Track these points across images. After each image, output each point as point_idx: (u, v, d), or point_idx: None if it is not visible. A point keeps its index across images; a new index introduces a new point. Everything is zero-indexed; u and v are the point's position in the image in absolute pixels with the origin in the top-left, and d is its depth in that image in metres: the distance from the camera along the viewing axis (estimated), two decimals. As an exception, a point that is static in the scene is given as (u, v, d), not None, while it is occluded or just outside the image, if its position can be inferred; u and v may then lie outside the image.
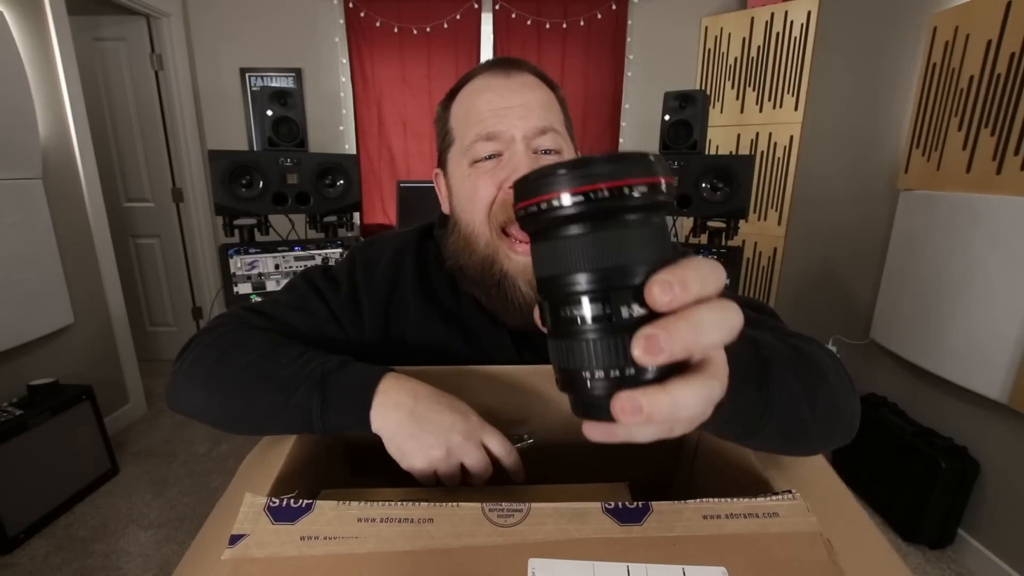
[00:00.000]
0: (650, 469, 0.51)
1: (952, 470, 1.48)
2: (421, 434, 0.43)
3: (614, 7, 2.57)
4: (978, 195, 1.47)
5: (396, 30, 2.59)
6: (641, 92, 2.67)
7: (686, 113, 1.83)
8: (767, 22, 2.31)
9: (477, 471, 0.43)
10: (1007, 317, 1.37)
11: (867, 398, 1.87)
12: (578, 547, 0.30)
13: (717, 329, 0.20)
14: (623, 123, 2.74)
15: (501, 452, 0.44)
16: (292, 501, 0.32)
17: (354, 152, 2.75)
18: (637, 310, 0.20)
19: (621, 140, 2.76)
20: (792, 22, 2.25)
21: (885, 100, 1.94)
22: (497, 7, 2.56)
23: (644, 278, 0.20)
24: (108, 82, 2.58)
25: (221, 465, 2.02)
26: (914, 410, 1.74)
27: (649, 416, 0.20)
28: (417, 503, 0.33)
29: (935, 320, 1.60)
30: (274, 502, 0.32)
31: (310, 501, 0.32)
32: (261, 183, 1.76)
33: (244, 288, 1.80)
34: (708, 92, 2.50)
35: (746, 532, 0.31)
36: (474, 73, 0.57)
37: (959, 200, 1.53)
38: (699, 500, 0.33)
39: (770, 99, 2.37)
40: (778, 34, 2.30)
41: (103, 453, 1.89)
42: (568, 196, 0.20)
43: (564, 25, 2.59)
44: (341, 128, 2.76)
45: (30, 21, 1.81)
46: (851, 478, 1.86)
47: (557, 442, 0.51)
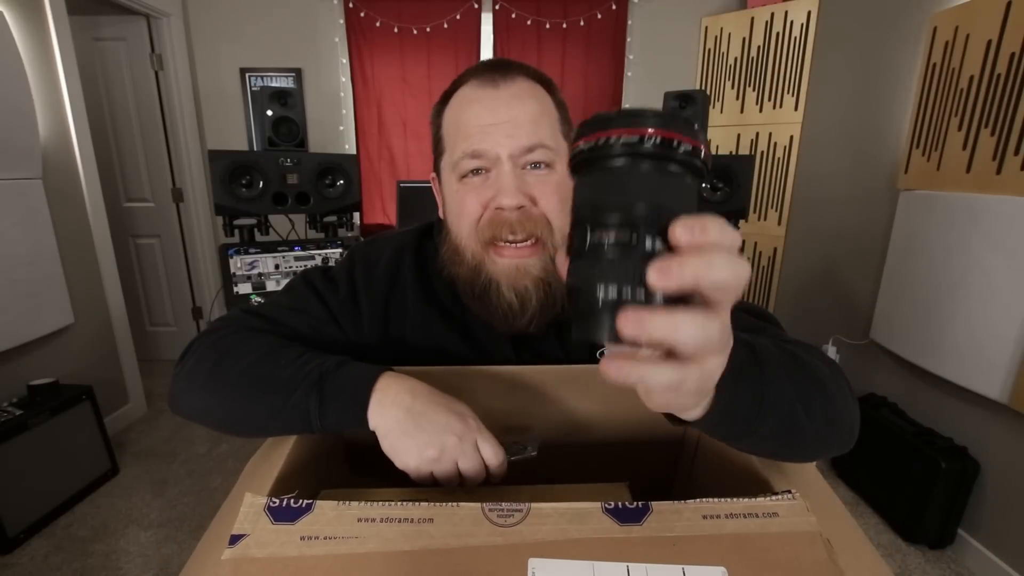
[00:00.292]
0: (650, 469, 0.51)
1: (952, 470, 1.48)
2: (416, 432, 0.42)
3: (614, 7, 2.57)
4: (978, 195, 1.47)
5: (396, 30, 2.59)
6: (641, 92, 2.67)
7: (686, 113, 1.84)
8: (767, 22, 2.32)
9: (470, 474, 0.42)
10: (1007, 317, 1.37)
11: (867, 398, 1.87)
12: (578, 547, 0.30)
13: (725, 269, 0.21)
14: (623, 123, 2.74)
15: (492, 459, 0.43)
16: (292, 501, 0.32)
17: (354, 152, 2.75)
18: (659, 245, 0.22)
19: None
20: (792, 22, 2.25)
21: (885, 100, 1.93)
22: (497, 7, 2.56)
23: (670, 219, 0.22)
24: (108, 82, 2.58)
25: (221, 465, 2.02)
26: (914, 410, 1.74)
27: (649, 333, 0.21)
28: (417, 503, 0.33)
29: (935, 320, 1.60)
30: (274, 502, 0.32)
31: (310, 501, 0.32)
32: (261, 183, 1.76)
33: (244, 288, 1.80)
34: (708, 92, 2.50)
35: (746, 532, 0.31)
36: (465, 78, 0.56)
37: (959, 200, 1.53)
38: (699, 500, 0.33)
39: (770, 99, 2.37)
40: (778, 34, 2.30)
41: (103, 453, 1.89)
42: (626, 135, 0.23)
43: (564, 25, 2.59)
44: (341, 128, 2.76)
45: (30, 21, 1.81)
46: (851, 478, 1.86)
47: (557, 442, 0.51)
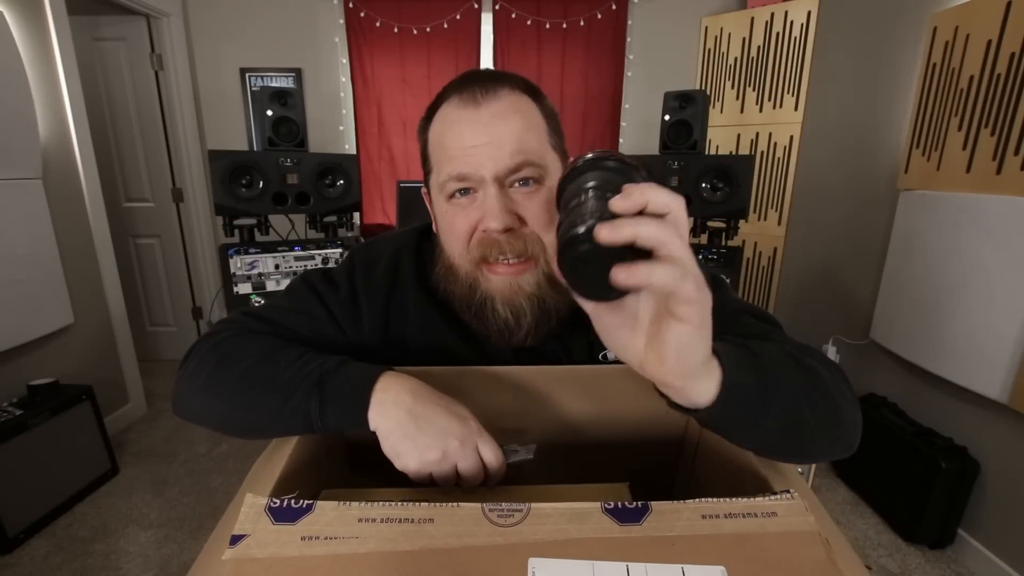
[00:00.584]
0: (650, 469, 0.51)
1: (952, 470, 1.48)
2: (418, 435, 0.42)
3: (614, 7, 2.57)
4: (978, 195, 1.47)
5: (396, 30, 2.59)
6: (641, 92, 2.67)
7: (686, 113, 1.83)
8: (767, 22, 2.32)
9: (469, 476, 0.43)
10: (1007, 317, 1.37)
11: (867, 398, 1.87)
12: (578, 547, 0.30)
13: (662, 195, 0.30)
14: (623, 123, 2.74)
15: (492, 462, 0.43)
16: (293, 501, 0.32)
17: (354, 152, 2.75)
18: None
19: (621, 140, 2.76)
20: (792, 22, 2.25)
21: (885, 100, 1.94)
22: (497, 7, 2.56)
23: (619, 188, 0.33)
24: (108, 82, 2.58)
25: (221, 465, 2.02)
26: (914, 410, 1.74)
27: (620, 230, 0.29)
28: (417, 503, 0.33)
29: (935, 320, 1.60)
30: (275, 502, 0.32)
31: (311, 501, 0.32)
32: (261, 183, 1.76)
33: (244, 288, 1.80)
34: (708, 92, 2.50)
35: (745, 531, 0.31)
36: (447, 94, 0.54)
37: (959, 200, 1.53)
38: (698, 500, 0.33)
39: (770, 99, 2.37)
40: (778, 34, 2.30)
41: (103, 453, 1.89)
42: (579, 163, 0.40)
43: (564, 25, 2.59)
44: (341, 128, 2.76)
45: (30, 21, 1.81)
46: (851, 478, 1.87)
47: (558, 442, 0.51)
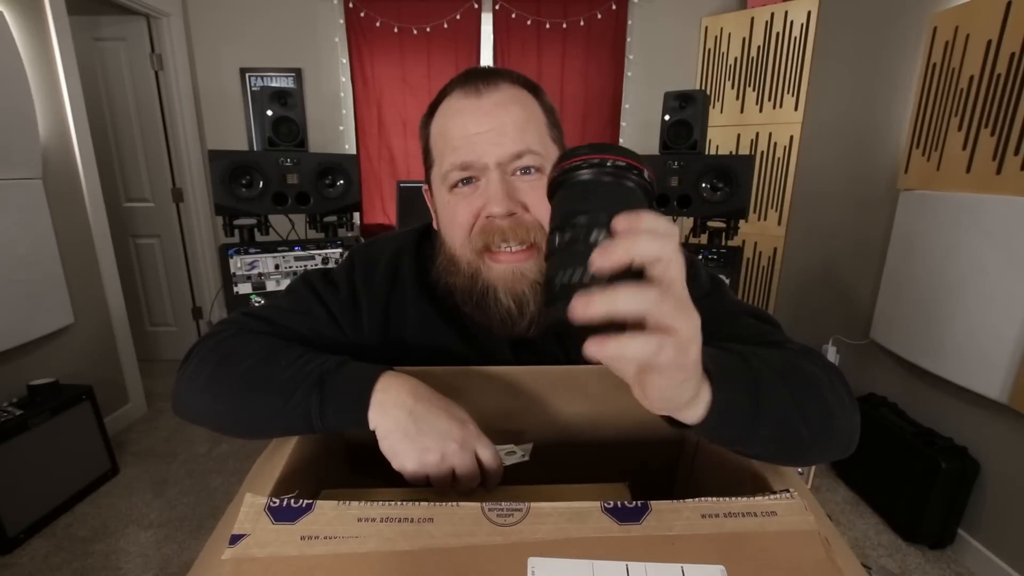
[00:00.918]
0: (651, 469, 0.51)
1: (952, 470, 1.48)
2: (417, 436, 0.42)
3: (614, 7, 2.57)
4: (978, 195, 1.47)
5: (396, 30, 2.59)
6: (641, 92, 2.67)
7: (686, 113, 1.83)
8: (767, 22, 2.32)
9: (466, 480, 0.43)
10: (1007, 317, 1.37)
11: (867, 398, 1.87)
12: (577, 546, 0.30)
13: (652, 244, 0.27)
14: (623, 123, 2.74)
15: (490, 465, 0.44)
16: (292, 501, 0.32)
17: (354, 152, 2.75)
18: (605, 237, 0.29)
19: (621, 140, 2.75)
20: (792, 22, 2.25)
21: (885, 100, 1.94)
22: (497, 7, 2.56)
23: (610, 219, 0.29)
24: (108, 82, 2.58)
25: (221, 465, 2.02)
26: (914, 410, 1.74)
27: (595, 308, 0.26)
28: (417, 503, 0.33)
29: (935, 320, 1.60)
30: (274, 502, 0.32)
31: (310, 501, 0.32)
32: (261, 183, 1.76)
33: (244, 288, 1.80)
34: (708, 92, 2.50)
35: (744, 531, 0.31)
36: (449, 89, 0.56)
37: (959, 200, 1.53)
38: (698, 499, 0.33)
39: (770, 99, 2.37)
40: (778, 34, 2.30)
41: (103, 453, 1.89)
42: (575, 162, 0.33)
43: (564, 25, 2.59)
44: (341, 128, 2.76)
45: (30, 21, 1.81)
46: (851, 478, 1.87)
47: (557, 443, 0.51)
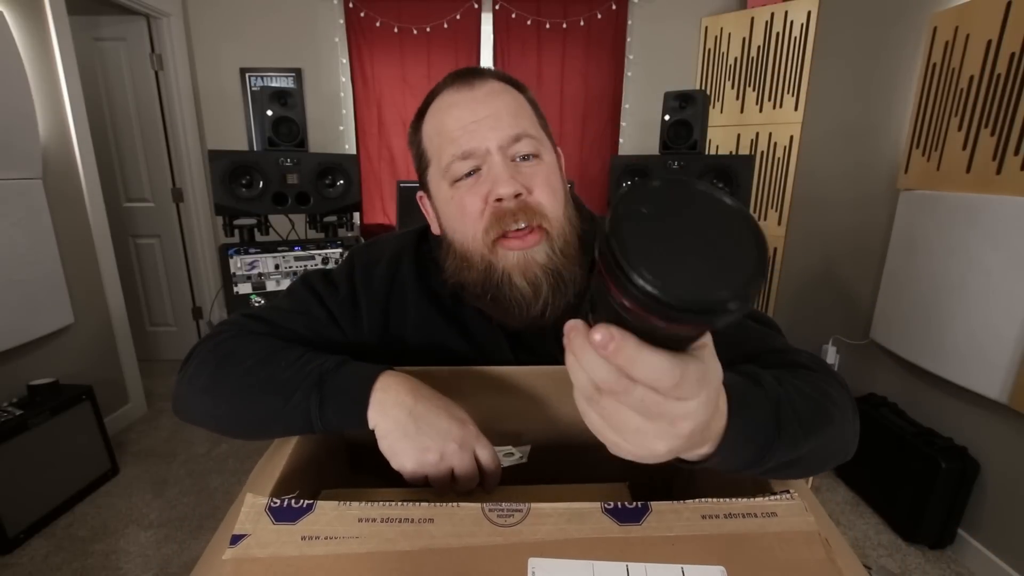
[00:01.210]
0: (650, 469, 0.51)
1: (952, 470, 1.48)
2: (417, 435, 0.43)
3: (614, 7, 2.57)
4: (978, 195, 1.47)
5: (396, 30, 2.59)
6: (641, 92, 2.67)
7: (686, 113, 1.84)
8: (767, 22, 2.32)
9: (465, 480, 0.43)
10: (1007, 317, 1.37)
11: (867, 398, 1.87)
12: (578, 547, 0.30)
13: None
14: (623, 123, 2.74)
15: (489, 465, 0.44)
16: (293, 501, 0.32)
17: (354, 152, 2.75)
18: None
19: (621, 140, 2.76)
20: (792, 22, 2.25)
21: (885, 100, 1.93)
22: (497, 7, 2.56)
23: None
24: (108, 82, 2.58)
25: (221, 465, 2.02)
26: (914, 410, 1.74)
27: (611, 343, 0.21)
28: (417, 503, 0.33)
29: (935, 320, 1.60)
30: (275, 502, 0.32)
31: (311, 501, 0.32)
32: (261, 183, 1.76)
33: (244, 288, 1.80)
34: (708, 92, 2.50)
35: (745, 532, 0.31)
36: (438, 90, 0.56)
37: (959, 200, 1.53)
38: (698, 500, 0.33)
39: (770, 99, 2.37)
40: (778, 34, 2.30)
41: (103, 453, 1.89)
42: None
43: (564, 25, 2.59)
44: (341, 128, 2.76)
45: (30, 21, 1.81)
46: (851, 478, 1.87)
47: (557, 443, 0.51)
